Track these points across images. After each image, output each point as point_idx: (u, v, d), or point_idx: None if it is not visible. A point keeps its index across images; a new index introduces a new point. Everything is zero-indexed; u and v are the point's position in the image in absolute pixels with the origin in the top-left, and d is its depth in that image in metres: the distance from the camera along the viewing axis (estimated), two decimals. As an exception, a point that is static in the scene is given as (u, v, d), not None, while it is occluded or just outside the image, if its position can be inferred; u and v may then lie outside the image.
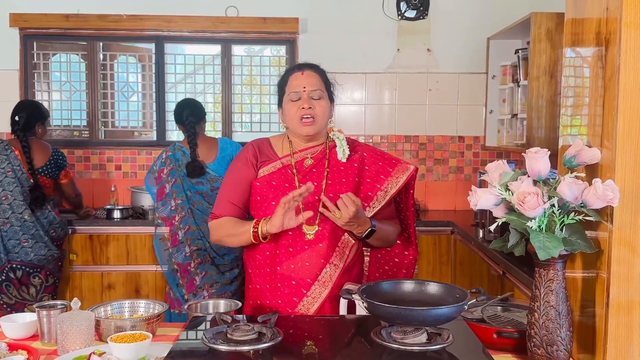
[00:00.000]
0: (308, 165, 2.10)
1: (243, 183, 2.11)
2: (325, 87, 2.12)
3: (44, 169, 3.60)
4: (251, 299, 2.13)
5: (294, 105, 2.06)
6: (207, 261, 3.47)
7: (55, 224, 3.64)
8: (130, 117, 4.80)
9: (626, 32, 1.38)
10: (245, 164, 2.12)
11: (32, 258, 3.50)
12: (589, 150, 1.47)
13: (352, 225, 1.98)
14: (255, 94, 4.78)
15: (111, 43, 4.68)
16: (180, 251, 3.47)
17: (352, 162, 2.12)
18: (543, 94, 3.51)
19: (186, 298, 3.46)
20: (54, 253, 3.60)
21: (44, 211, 3.58)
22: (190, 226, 3.48)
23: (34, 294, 3.56)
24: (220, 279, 3.49)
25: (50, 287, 3.63)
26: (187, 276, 3.47)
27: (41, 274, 3.56)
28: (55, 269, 3.65)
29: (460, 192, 4.63)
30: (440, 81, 4.60)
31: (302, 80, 2.07)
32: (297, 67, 2.15)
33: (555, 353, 1.43)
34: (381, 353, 1.48)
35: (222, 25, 4.46)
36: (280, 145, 2.16)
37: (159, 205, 3.52)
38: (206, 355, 1.48)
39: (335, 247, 2.02)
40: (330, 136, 2.17)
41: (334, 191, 2.04)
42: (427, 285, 1.70)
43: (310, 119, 2.05)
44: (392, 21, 4.55)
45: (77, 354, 1.56)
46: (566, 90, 1.68)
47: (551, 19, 3.45)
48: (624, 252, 1.42)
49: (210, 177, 3.53)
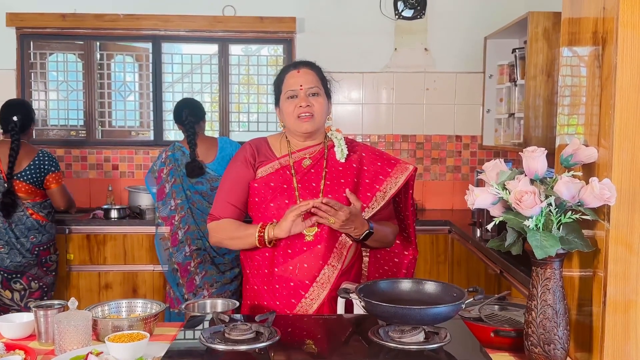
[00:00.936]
0: (306, 165, 2.09)
1: (241, 183, 2.09)
2: (322, 84, 2.11)
3: (23, 174, 3.44)
4: (249, 300, 2.12)
5: (291, 104, 2.05)
6: (207, 261, 3.47)
7: (35, 229, 3.49)
8: (127, 117, 4.79)
9: (623, 31, 1.38)
10: (243, 164, 2.11)
11: (8, 264, 3.42)
12: (586, 149, 1.47)
13: (348, 229, 1.97)
14: (253, 94, 4.78)
15: (108, 42, 4.67)
16: (180, 251, 3.48)
17: (350, 163, 2.10)
18: (540, 93, 3.51)
19: (186, 297, 3.46)
20: (30, 261, 3.47)
21: (21, 217, 3.46)
22: (190, 226, 3.48)
23: (17, 299, 3.47)
24: (221, 278, 3.49)
25: (36, 292, 3.52)
26: (187, 276, 3.47)
27: (22, 279, 3.47)
28: (39, 274, 3.53)
29: (457, 191, 4.64)
30: (437, 80, 4.60)
31: (299, 78, 2.07)
32: (292, 65, 2.14)
33: (552, 352, 1.44)
34: (379, 352, 1.48)
35: (219, 24, 4.46)
36: (278, 145, 2.15)
37: (159, 205, 3.52)
38: (204, 355, 1.48)
39: (333, 248, 2.01)
40: (329, 136, 2.15)
41: (333, 192, 2.03)
42: (425, 285, 1.70)
43: (308, 115, 2.04)
44: (389, 21, 4.55)
45: (74, 354, 1.55)
46: (563, 90, 1.68)
47: (548, 18, 3.45)
48: (621, 251, 1.42)
49: (210, 177, 3.53)
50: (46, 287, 3.59)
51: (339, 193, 2.03)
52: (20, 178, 3.45)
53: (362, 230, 1.99)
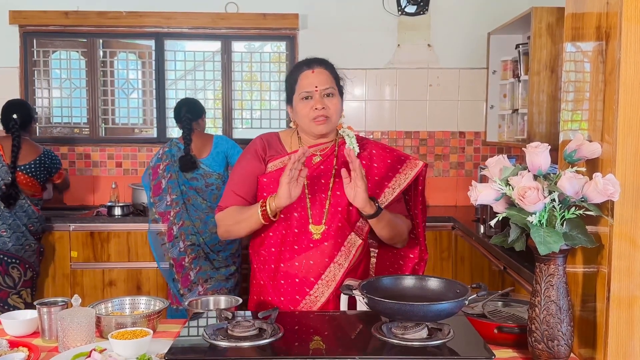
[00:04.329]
0: (316, 162, 2.08)
1: (251, 176, 2.08)
2: (335, 82, 2.08)
3: (27, 167, 3.63)
4: (255, 295, 2.13)
5: (306, 105, 2.02)
6: (201, 256, 3.52)
7: (34, 218, 3.68)
8: (130, 114, 4.80)
9: (626, 26, 1.38)
10: (254, 157, 2.10)
11: (10, 247, 3.55)
12: (589, 145, 1.46)
13: (363, 188, 1.91)
14: (256, 90, 4.78)
15: (111, 40, 4.68)
16: (175, 246, 3.54)
17: (360, 160, 2.07)
18: (544, 88, 3.50)
19: (182, 293, 3.53)
20: (32, 243, 3.64)
21: (23, 205, 3.62)
22: (184, 221, 3.53)
23: (11, 284, 3.58)
24: (215, 274, 3.54)
25: (28, 282, 3.66)
26: (181, 271, 3.53)
27: (20, 266, 3.60)
28: (35, 262, 3.70)
29: (461, 187, 4.63)
30: (440, 77, 4.59)
31: (314, 79, 2.03)
32: (306, 64, 2.08)
33: (556, 348, 1.43)
34: (382, 348, 1.48)
35: (222, 21, 4.45)
36: (289, 141, 2.13)
37: (156, 200, 3.60)
38: (207, 352, 1.48)
39: (340, 246, 2.01)
40: (340, 133, 2.14)
41: (341, 189, 2.01)
42: (428, 281, 1.70)
43: (323, 119, 2.01)
44: (392, 17, 4.54)
45: (77, 351, 1.56)
46: (567, 85, 1.67)
47: (552, 14, 3.44)
48: (625, 247, 1.42)
49: (205, 172, 3.60)
50: (36, 277, 3.76)
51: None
52: (24, 170, 3.63)
53: (371, 207, 1.95)
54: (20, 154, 3.62)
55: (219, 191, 3.61)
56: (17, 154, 3.59)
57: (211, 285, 3.51)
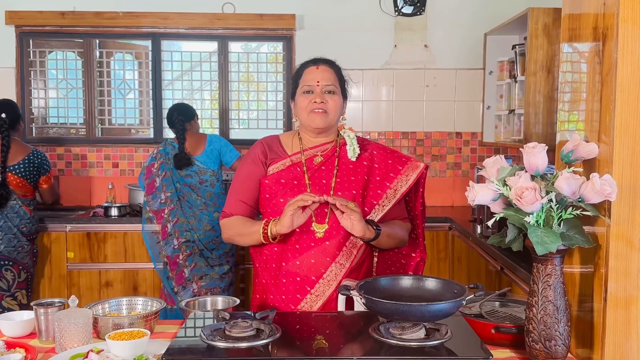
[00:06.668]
0: (318, 162, 2.10)
1: (252, 181, 2.11)
2: (339, 83, 2.13)
3: (16, 167, 3.59)
4: (257, 293, 2.15)
5: (306, 98, 2.07)
6: (196, 253, 3.55)
7: (26, 219, 3.62)
8: (127, 115, 4.79)
9: (623, 27, 1.38)
10: (254, 162, 2.12)
11: (2, 250, 3.52)
12: (586, 145, 1.47)
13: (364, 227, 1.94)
14: (253, 91, 4.78)
15: (107, 40, 4.67)
16: (169, 244, 3.56)
17: (361, 160, 2.11)
18: (540, 89, 3.51)
19: (176, 291, 3.55)
20: (24, 244, 3.60)
21: (14, 206, 3.58)
22: (178, 218, 3.56)
23: (4, 287, 3.56)
24: (209, 271, 3.56)
25: (22, 283, 3.62)
26: (176, 269, 3.55)
27: (13, 267, 3.57)
28: (29, 264, 3.66)
29: (458, 188, 4.64)
30: (437, 77, 4.59)
31: (317, 75, 2.08)
32: (312, 61, 2.15)
33: (553, 348, 1.44)
34: (379, 349, 1.48)
35: (219, 22, 4.45)
36: (290, 143, 2.16)
37: (150, 198, 3.63)
38: (204, 352, 1.48)
39: (342, 246, 2.02)
40: (341, 134, 2.17)
41: (343, 189, 2.04)
42: (425, 281, 1.70)
43: (321, 111, 2.05)
44: (389, 17, 4.54)
45: (74, 352, 1.55)
46: (563, 86, 1.68)
47: (548, 15, 3.45)
48: (622, 247, 1.42)
49: (199, 170, 3.66)
50: (31, 278, 3.72)
51: (349, 190, 2.04)
52: (13, 171, 3.59)
53: (371, 232, 1.98)
54: (9, 154, 3.56)
55: (213, 188, 3.68)
56: (6, 154, 3.53)
57: (205, 283, 3.53)
